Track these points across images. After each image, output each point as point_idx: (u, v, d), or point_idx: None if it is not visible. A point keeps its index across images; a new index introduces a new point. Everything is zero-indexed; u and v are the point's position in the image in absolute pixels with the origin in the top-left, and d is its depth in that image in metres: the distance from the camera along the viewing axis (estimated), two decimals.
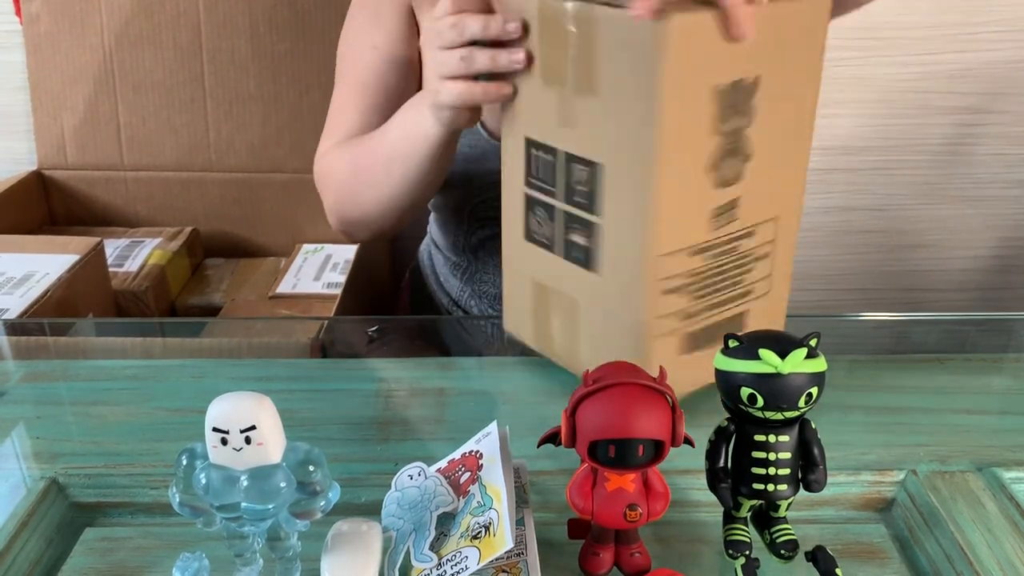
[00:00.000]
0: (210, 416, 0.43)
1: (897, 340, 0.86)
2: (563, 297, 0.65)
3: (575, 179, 0.61)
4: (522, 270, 0.69)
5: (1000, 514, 0.55)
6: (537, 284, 0.68)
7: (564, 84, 0.59)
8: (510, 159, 0.66)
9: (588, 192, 0.60)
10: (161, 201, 1.36)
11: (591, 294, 0.63)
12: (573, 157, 0.60)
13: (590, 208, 0.61)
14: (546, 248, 0.65)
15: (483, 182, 0.90)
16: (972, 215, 1.51)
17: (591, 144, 0.59)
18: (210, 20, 1.27)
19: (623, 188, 0.58)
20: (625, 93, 0.56)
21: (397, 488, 0.53)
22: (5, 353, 0.79)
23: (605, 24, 0.55)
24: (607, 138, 0.58)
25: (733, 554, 0.51)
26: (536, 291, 0.68)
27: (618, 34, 0.55)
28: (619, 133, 0.57)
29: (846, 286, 1.57)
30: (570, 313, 0.65)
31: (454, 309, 1.02)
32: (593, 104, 0.58)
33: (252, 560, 0.49)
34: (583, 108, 0.59)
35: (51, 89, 1.31)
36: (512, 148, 0.65)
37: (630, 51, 0.55)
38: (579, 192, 0.61)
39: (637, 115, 0.56)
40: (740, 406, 0.47)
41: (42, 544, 0.54)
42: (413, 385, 0.70)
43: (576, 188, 0.61)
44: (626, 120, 0.57)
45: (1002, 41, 1.36)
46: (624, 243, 0.60)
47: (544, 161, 0.63)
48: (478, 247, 0.96)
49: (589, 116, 0.59)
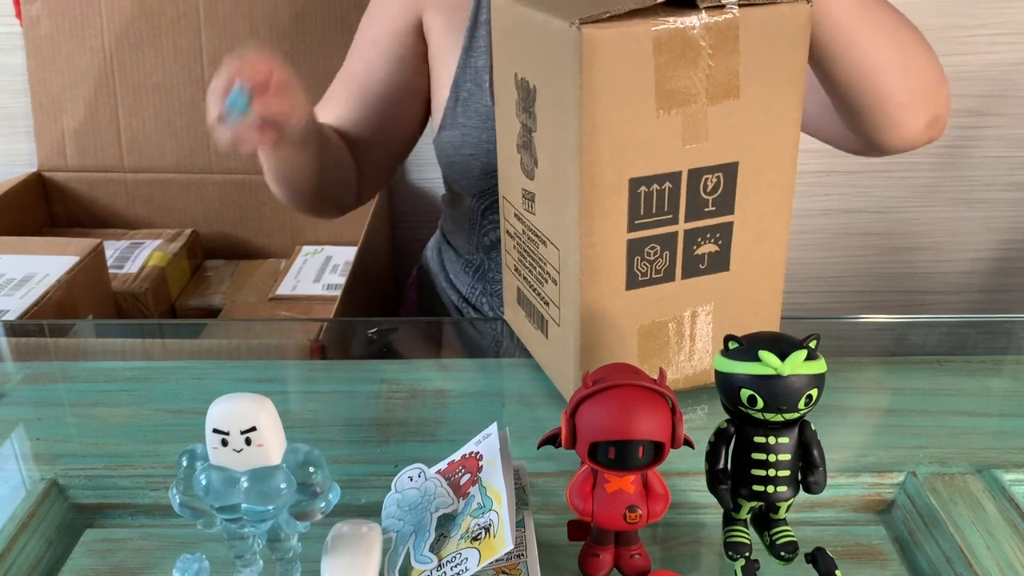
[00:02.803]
0: (210, 417, 0.43)
1: (897, 342, 0.86)
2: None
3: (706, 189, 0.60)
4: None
5: (1000, 516, 0.55)
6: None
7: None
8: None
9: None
10: (161, 203, 1.36)
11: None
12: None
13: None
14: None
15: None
16: (971, 217, 1.51)
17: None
18: (210, 22, 1.27)
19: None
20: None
21: (397, 489, 0.53)
22: (5, 354, 0.79)
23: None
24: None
25: (733, 556, 0.51)
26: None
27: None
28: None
29: (845, 288, 1.57)
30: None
31: (464, 306, 1.03)
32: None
33: (252, 561, 0.49)
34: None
35: (51, 91, 1.31)
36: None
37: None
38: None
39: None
40: (740, 408, 0.47)
41: (42, 545, 0.54)
42: (413, 386, 0.70)
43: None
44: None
45: (1001, 44, 1.36)
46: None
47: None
48: (491, 247, 0.97)
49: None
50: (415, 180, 1.43)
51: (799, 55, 0.57)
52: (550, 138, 0.59)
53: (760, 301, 0.64)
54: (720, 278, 0.62)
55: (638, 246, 0.59)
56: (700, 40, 0.54)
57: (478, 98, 0.89)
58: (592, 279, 0.59)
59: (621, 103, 0.54)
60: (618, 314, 0.61)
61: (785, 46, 0.56)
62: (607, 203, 0.57)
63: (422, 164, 1.41)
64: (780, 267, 0.64)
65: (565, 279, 0.60)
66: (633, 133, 0.55)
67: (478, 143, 0.89)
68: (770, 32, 0.55)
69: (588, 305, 0.60)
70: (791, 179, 0.61)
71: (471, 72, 0.89)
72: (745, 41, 0.55)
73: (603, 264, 0.59)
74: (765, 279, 0.64)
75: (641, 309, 0.61)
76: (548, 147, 0.59)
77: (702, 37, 0.54)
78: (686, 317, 0.63)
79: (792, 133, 0.59)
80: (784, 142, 0.59)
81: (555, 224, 0.60)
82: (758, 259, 0.62)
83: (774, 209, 0.61)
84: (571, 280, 0.60)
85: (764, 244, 0.62)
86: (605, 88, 0.53)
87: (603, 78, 0.53)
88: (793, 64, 0.57)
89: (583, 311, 0.60)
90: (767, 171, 0.60)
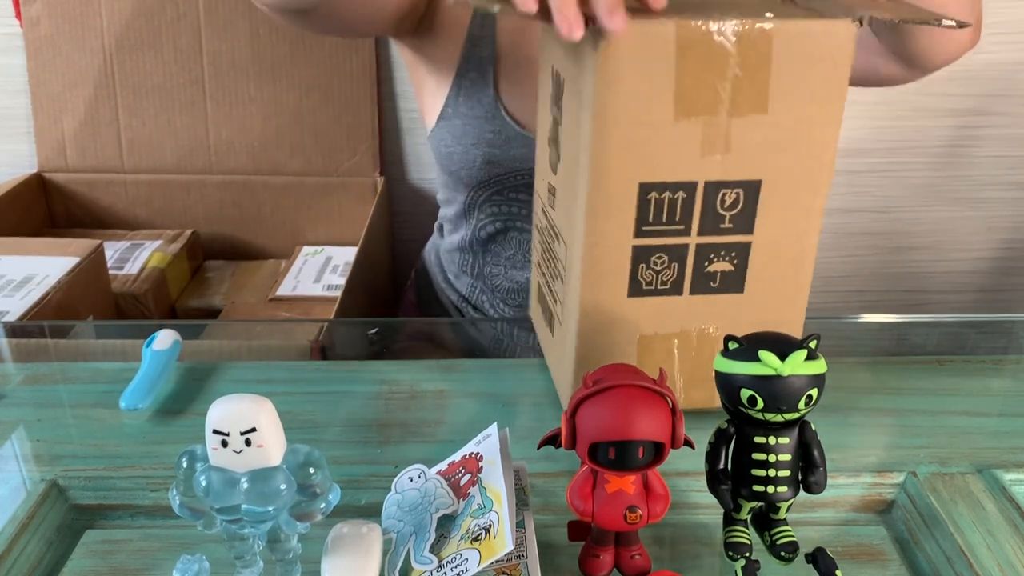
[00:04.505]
0: (210, 418, 0.43)
1: (897, 342, 0.86)
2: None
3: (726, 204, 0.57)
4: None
5: (1000, 516, 0.55)
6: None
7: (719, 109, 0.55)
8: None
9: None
10: (161, 203, 1.36)
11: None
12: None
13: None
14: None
15: (505, 168, 0.91)
16: (972, 217, 1.51)
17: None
18: (210, 23, 1.27)
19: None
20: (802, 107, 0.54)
21: (397, 490, 0.53)
22: (5, 356, 0.79)
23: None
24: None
25: (733, 556, 0.51)
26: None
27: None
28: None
29: (846, 288, 1.57)
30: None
31: (464, 306, 1.03)
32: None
33: (252, 562, 0.49)
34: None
35: (51, 92, 1.31)
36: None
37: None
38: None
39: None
40: (740, 408, 0.47)
41: (42, 546, 0.54)
42: (413, 387, 0.70)
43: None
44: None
45: (1002, 43, 1.36)
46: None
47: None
48: (488, 240, 0.97)
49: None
50: (415, 180, 1.43)
51: (839, 76, 0.53)
52: (569, 132, 0.57)
53: (778, 328, 0.58)
54: (733, 299, 0.59)
55: (644, 253, 0.57)
56: (728, 47, 0.51)
57: (480, 88, 0.88)
58: (594, 280, 0.58)
59: (637, 103, 0.52)
60: (618, 320, 0.59)
61: (824, 65, 0.53)
62: (614, 205, 0.55)
63: (422, 164, 1.41)
64: (802, 297, 0.60)
65: (569, 278, 0.59)
66: (647, 136, 0.53)
67: (480, 133, 0.88)
68: (808, 48, 0.52)
69: (587, 307, 0.58)
70: (819, 205, 0.57)
71: (474, 62, 0.89)
72: (779, 54, 0.52)
73: (606, 267, 0.57)
74: (783, 308, 0.60)
75: (642, 319, 0.59)
76: (567, 141, 0.58)
77: (731, 44, 0.51)
78: (692, 336, 0.60)
79: (826, 158, 0.56)
80: (815, 166, 0.56)
81: (567, 221, 0.59)
82: (777, 285, 0.59)
83: (798, 235, 0.58)
84: (574, 279, 0.58)
85: (784, 270, 0.59)
86: (621, 86, 0.51)
87: (620, 75, 0.51)
88: (832, 85, 0.53)
89: (582, 313, 0.59)
90: (793, 193, 0.56)
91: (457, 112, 0.89)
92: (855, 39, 0.53)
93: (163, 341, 0.71)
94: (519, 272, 0.97)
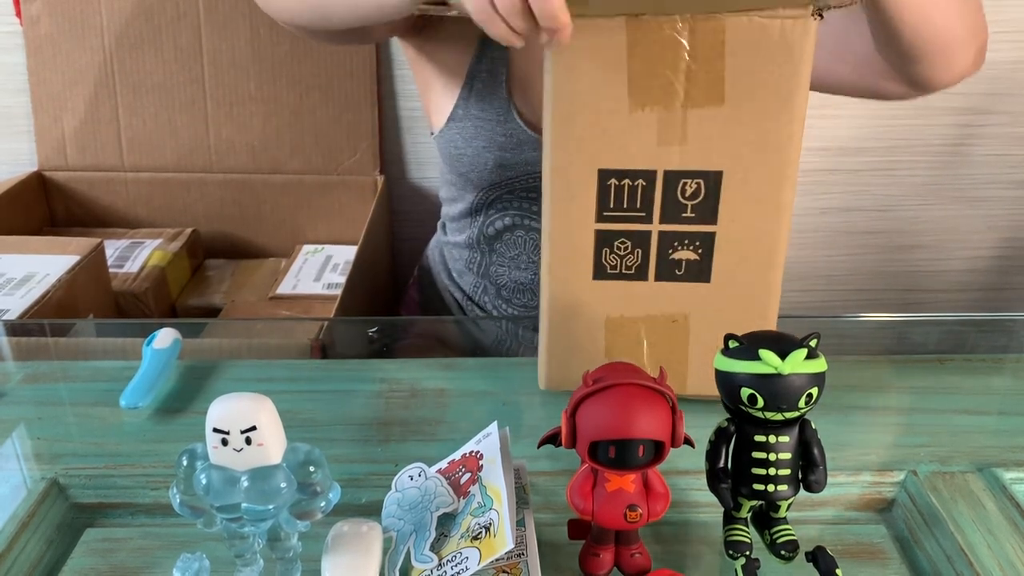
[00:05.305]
0: (210, 417, 0.43)
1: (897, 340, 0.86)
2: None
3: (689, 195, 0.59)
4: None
5: (1000, 515, 0.55)
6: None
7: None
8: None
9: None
10: (161, 202, 1.36)
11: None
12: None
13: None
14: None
15: (516, 172, 0.91)
16: (972, 216, 1.51)
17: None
18: (210, 22, 1.27)
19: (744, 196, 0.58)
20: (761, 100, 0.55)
21: (397, 489, 0.53)
22: (6, 354, 0.79)
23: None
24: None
25: (733, 554, 0.51)
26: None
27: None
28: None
29: (846, 286, 1.57)
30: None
31: (467, 304, 1.02)
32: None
33: (252, 560, 0.49)
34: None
35: (52, 91, 1.31)
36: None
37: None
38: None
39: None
40: (740, 406, 0.47)
41: (42, 545, 0.54)
42: (413, 386, 0.70)
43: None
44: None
45: (1002, 42, 1.36)
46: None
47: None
48: (494, 238, 0.97)
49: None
50: (415, 178, 1.43)
51: (798, 70, 0.54)
52: (544, 125, 0.59)
53: (748, 322, 0.59)
54: (699, 288, 0.61)
55: (607, 238, 0.59)
56: (680, 39, 0.53)
57: (493, 90, 0.88)
58: (560, 264, 0.60)
59: (592, 92, 0.54)
60: (585, 303, 0.61)
61: (781, 59, 0.53)
62: (575, 190, 0.58)
63: (422, 164, 1.41)
64: (773, 289, 0.61)
65: (542, 262, 0.62)
66: (605, 125, 0.55)
67: (491, 136, 0.88)
68: (763, 41, 0.53)
69: (556, 288, 0.61)
70: (787, 198, 0.58)
71: (487, 64, 0.88)
72: (733, 47, 0.53)
73: (571, 250, 0.60)
74: (754, 299, 0.61)
75: (608, 300, 0.61)
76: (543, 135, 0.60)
77: (683, 36, 0.53)
78: (659, 322, 0.62)
79: (790, 151, 0.56)
80: (778, 159, 0.56)
81: (543, 208, 0.61)
82: (745, 278, 0.60)
83: (765, 227, 0.58)
84: (544, 262, 0.61)
85: (752, 262, 0.60)
86: (574, 75, 0.54)
87: (572, 65, 0.53)
88: (791, 78, 0.54)
89: (551, 293, 0.61)
90: (757, 186, 0.57)
91: (468, 114, 0.89)
92: (814, 34, 0.53)
93: (163, 340, 0.71)
94: (522, 272, 0.97)
